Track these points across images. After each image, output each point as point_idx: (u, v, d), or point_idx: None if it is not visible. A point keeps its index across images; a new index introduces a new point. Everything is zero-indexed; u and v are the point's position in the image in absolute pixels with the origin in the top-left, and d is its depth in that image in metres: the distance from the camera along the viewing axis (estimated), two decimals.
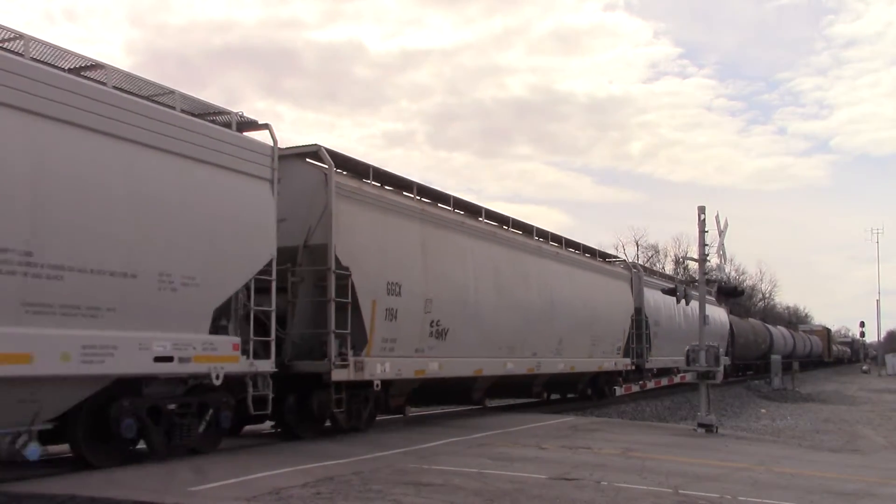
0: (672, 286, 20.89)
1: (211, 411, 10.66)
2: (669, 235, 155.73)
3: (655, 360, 26.93)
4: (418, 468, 9.85)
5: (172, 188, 9.85)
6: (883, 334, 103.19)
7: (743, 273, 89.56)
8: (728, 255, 18.45)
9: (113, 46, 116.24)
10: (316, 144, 13.03)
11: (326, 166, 12.80)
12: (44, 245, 8.22)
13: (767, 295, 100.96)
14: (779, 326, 62.02)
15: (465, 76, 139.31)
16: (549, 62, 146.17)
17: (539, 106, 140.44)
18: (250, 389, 11.05)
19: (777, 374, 40.83)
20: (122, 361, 9.02)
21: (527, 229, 20.02)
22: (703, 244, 17.69)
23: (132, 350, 9.15)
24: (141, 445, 10.13)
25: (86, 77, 9.36)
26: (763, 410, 28.01)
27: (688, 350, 17.39)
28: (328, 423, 13.29)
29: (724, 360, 36.58)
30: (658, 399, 26.70)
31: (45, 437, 8.63)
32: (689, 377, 18.51)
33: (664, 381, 28.06)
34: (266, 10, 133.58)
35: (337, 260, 12.46)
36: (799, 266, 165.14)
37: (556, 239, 21.74)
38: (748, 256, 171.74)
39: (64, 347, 8.40)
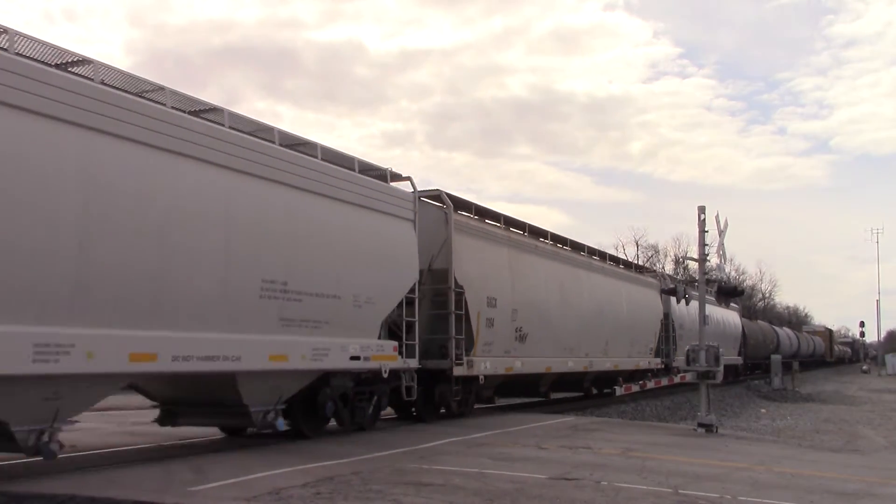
0: (672, 287, 20.91)
1: (376, 398, 14.06)
2: (669, 235, 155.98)
3: (680, 360, 28.22)
4: (418, 468, 9.85)
5: (360, 232, 13.07)
6: (883, 334, 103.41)
7: (743, 273, 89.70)
8: (728, 255, 18.48)
9: (112, 46, 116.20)
10: (438, 189, 16.33)
11: (446, 206, 16.11)
12: (293, 278, 11.36)
13: (767, 295, 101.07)
14: (784, 328, 64.42)
15: (464, 76, 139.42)
16: (548, 62, 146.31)
17: (539, 106, 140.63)
18: (405, 381, 14.37)
19: (777, 374, 40.88)
20: (332, 359, 12.24)
21: (577, 247, 23.28)
22: (703, 244, 17.68)
23: (337, 351, 12.35)
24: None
25: (300, 146, 12.41)
26: (763, 410, 28.02)
27: (688, 350, 17.40)
28: (443, 410, 16.54)
29: (737, 361, 40.77)
30: (658, 399, 26.71)
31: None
32: (689, 377, 18.51)
33: (664, 381, 28.07)
34: (265, 10, 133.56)
35: (455, 280, 15.67)
36: (799, 266, 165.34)
37: (601, 254, 25.45)
38: (748, 256, 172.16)
39: (303, 350, 11.59)
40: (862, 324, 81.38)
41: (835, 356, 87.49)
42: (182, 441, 12.74)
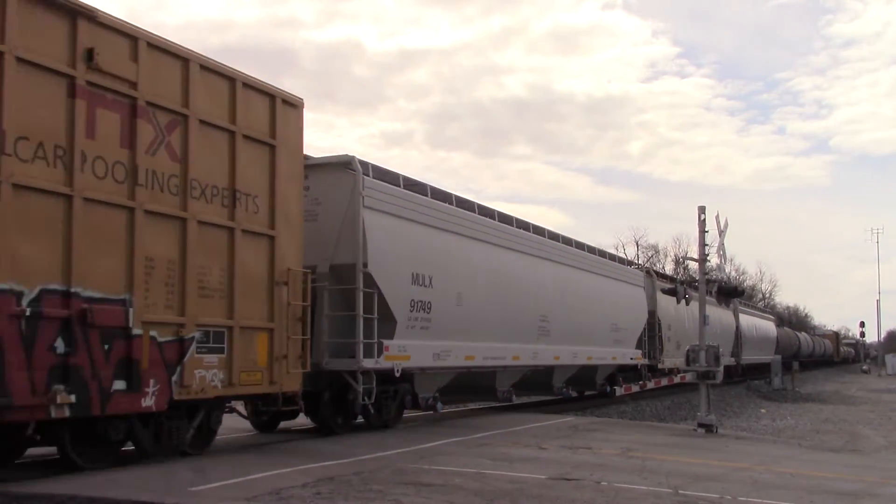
0: (673, 286, 20.89)
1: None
2: (669, 235, 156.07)
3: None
4: (418, 468, 9.85)
5: (624, 295, 25.34)
6: (883, 334, 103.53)
7: (743, 273, 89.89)
8: (728, 255, 18.48)
9: None
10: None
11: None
12: (615, 321, 23.75)
13: (767, 295, 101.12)
14: (802, 332, 78.69)
15: (463, 76, 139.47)
16: (547, 62, 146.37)
17: (538, 105, 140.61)
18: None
19: (777, 374, 40.88)
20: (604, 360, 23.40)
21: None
22: (703, 244, 17.69)
23: (607, 357, 23.52)
24: None
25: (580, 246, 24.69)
26: (763, 410, 28.03)
27: (688, 350, 17.41)
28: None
29: (772, 358, 46.05)
30: (658, 399, 26.73)
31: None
32: (689, 377, 18.50)
33: (664, 381, 28.09)
34: (263, 10, 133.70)
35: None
36: (799, 266, 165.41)
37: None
38: (748, 256, 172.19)
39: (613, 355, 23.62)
40: (862, 324, 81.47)
41: (841, 356, 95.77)
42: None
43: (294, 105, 12.06)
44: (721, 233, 17.79)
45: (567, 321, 20.61)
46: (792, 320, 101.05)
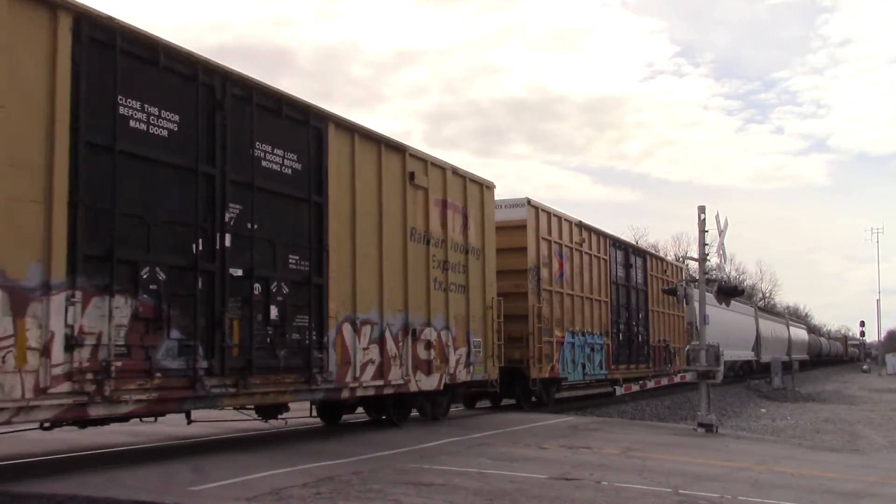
0: (673, 287, 20.91)
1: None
2: (669, 235, 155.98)
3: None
4: (418, 468, 9.85)
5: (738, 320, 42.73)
6: (883, 334, 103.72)
7: (743, 273, 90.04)
8: (728, 255, 18.47)
9: None
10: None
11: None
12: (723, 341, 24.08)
13: (767, 295, 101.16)
14: (821, 337, 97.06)
15: (460, 75, 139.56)
16: (545, 61, 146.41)
17: (535, 105, 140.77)
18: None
19: (777, 373, 40.91)
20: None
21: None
22: (703, 244, 17.68)
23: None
24: None
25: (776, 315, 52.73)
26: (763, 410, 28.03)
27: (688, 350, 17.39)
28: None
29: (805, 357, 66.69)
30: (658, 399, 26.71)
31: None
32: (689, 377, 18.50)
33: (664, 381, 28.10)
34: (260, 9, 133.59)
35: None
36: (799, 266, 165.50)
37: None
38: (748, 256, 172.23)
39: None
40: (862, 323, 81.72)
41: (849, 356, 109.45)
42: (182, 441, 12.73)
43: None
44: (721, 232, 17.77)
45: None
46: (792, 320, 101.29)
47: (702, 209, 17.51)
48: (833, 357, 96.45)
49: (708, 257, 17.77)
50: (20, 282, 7.70)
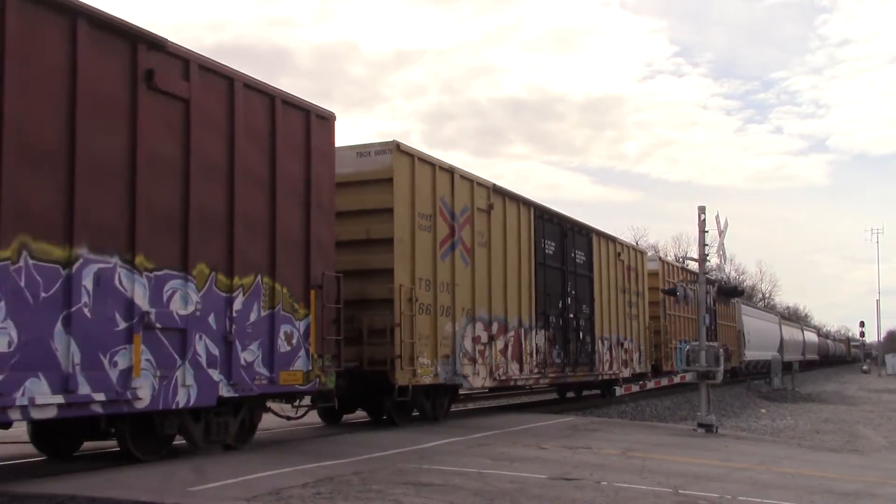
0: (673, 288, 20.91)
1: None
2: (668, 235, 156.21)
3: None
4: (418, 468, 9.85)
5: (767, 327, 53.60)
6: (883, 334, 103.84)
7: (743, 273, 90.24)
8: (728, 255, 18.50)
9: None
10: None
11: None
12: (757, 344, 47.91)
13: (767, 295, 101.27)
14: (829, 339, 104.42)
15: (459, 75, 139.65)
16: (543, 61, 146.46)
17: (534, 105, 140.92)
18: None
19: (777, 373, 40.90)
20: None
21: None
22: (703, 244, 17.70)
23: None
24: None
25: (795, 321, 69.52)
26: (763, 410, 28.03)
27: (688, 350, 17.40)
28: None
29: (816, 357, 75.38)
30: (658, 399, 26.72)
31: None
32: (689, 377, 18.51)
33: (664, 381, 28.10)
34: (259, 9, 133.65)
35: None
36: (799, 266, 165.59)
37: None
38: (748, 256, 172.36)
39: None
40: (862, 324, 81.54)
41: (851, 356, 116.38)
42: (182, 441, 12.71)
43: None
44: (721, 233, 17.81)
45: None
46: (792, 320, 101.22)
47: (702, 209, 17.53)
48: (837, 357, 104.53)
49: (708, 258, 17.79)
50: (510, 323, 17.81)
